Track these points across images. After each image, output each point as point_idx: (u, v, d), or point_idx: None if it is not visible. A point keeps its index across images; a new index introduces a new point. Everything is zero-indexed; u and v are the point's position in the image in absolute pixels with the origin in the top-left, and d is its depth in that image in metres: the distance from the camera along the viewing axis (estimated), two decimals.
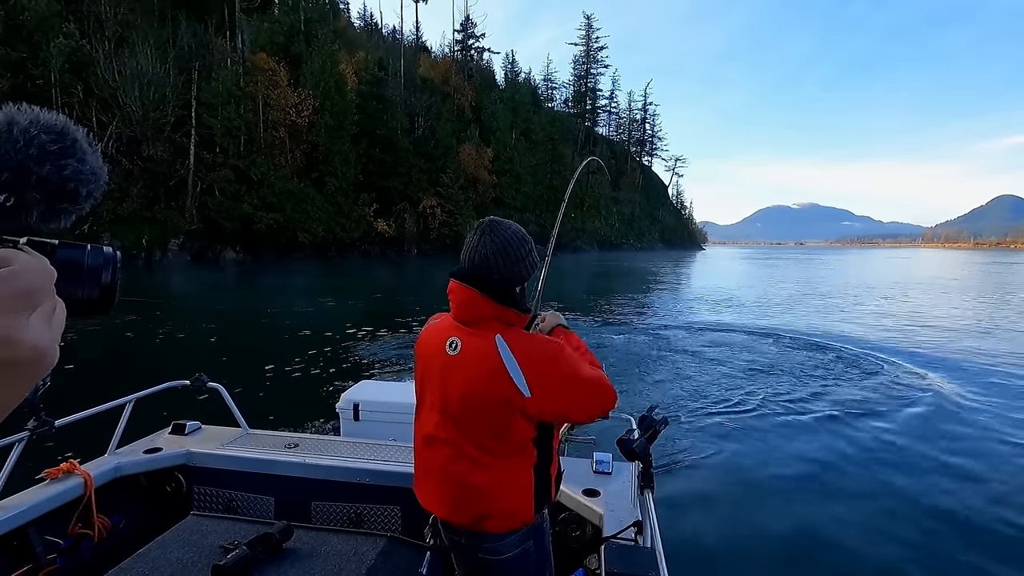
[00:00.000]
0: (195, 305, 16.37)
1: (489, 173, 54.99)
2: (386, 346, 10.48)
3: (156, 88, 30.47)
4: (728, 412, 6.94)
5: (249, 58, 37.43)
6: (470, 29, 72.59)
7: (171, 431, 2.89)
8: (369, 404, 3.23)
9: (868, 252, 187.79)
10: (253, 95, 35.74)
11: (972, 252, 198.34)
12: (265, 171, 34.35)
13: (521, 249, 1.51)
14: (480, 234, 1.51)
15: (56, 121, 0.50)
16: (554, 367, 1.47)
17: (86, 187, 0.52)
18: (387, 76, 48.86)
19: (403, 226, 45.89)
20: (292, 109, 37.15)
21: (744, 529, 4.16)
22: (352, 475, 2.54)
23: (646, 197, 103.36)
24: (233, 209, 32.51)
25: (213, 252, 32.34)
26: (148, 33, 32.24)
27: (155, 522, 2.42)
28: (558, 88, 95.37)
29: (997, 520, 4.37)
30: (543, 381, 1.46)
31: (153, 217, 29.50)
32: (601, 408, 1.54)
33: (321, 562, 1.80)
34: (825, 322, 14.70)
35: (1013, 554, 3.92)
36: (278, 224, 34.12)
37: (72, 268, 0.48)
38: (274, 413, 6.28)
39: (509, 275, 1.50)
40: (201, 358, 9.82)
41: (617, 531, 1.84)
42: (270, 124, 36.63)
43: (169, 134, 31.19)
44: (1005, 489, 4.94)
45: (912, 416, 6.89)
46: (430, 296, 18.27)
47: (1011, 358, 10.41)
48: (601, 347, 10.85)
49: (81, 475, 2.34)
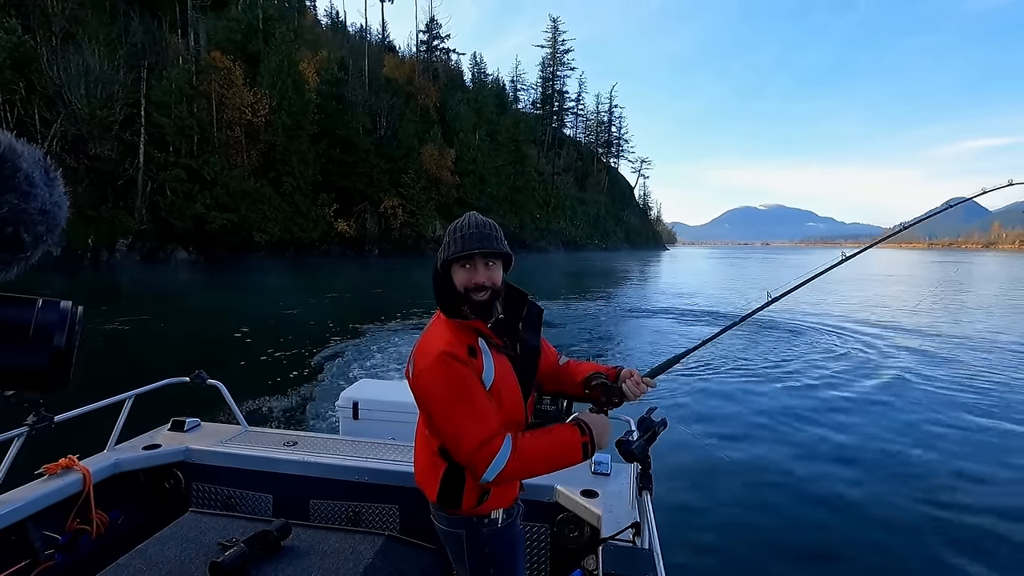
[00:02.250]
0: (182, 305, 16.43)
1: (452, 174, 55.24)
2: (386, 344, 10.57)
3: (104, 86, 29.94)
4: (727, 413, 6.96)
5: (204, 56, 36.99)
6: (435, 30, 72.78)
7: (170, 428, 2.89)
8: (368, 403, 3.20)
9: (829, 252, 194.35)
10: (207, 94, 35.35)
11: (925, 252, 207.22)
12: (219, 170, 34.05)
13: (445, 244, 1.58)
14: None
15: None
16: (418, 375, 1.52)
17: (31, 231, 0.40)
18: (347, 76, 48.71)
19: (364, 226, 45.88)
20: (248, 108, 36.85)
21: (742, 532, 4.16)
22: (351, 474, 2.54)
23: (612, 198, 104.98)
24: (185, 209, 32.16)
25: (164, 252, 31.94)
26: (98, 29, 31.66)
27: (153, 519, 2.40)
28: (526, 90, 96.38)
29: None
30: (412, 378, 1.55)
31: (100, 216, 29.01)
32: (448, 447, 1.53)
33: (319, 560, 1.81)
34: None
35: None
36: (232, 224, 33.86)
37: (10, 330, 0.39)
38: (273, 411, 6.34)
39: (435, 269, 1.61)
40: (197, 356, 9.88)
41: (615, 532, 1.83)
42: (225, 123, 36.28)
43: (117, 133, 30.68)
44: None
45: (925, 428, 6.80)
46: (415, 293, 18.63)
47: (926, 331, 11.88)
48: (601, 339, 11.59)
49: (80, 471, 2.34)
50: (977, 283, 32.97)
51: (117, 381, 2.85)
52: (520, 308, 1.67)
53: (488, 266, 1.54)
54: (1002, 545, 4.12)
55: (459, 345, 1.49)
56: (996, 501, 4.80)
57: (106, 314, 13.42)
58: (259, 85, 37.96)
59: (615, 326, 14.80)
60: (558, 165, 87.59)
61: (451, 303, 1.55)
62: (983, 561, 3.90)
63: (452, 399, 1.45)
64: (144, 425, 2.85)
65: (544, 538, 2.37)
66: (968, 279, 36.39)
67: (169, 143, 32.77)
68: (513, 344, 1.63)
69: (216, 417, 2.98)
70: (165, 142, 32.64)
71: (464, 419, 1.44)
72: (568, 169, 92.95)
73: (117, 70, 30.83)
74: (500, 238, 1.58)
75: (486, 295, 1.53)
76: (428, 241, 50.46)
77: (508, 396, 1.56)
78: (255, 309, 15.43)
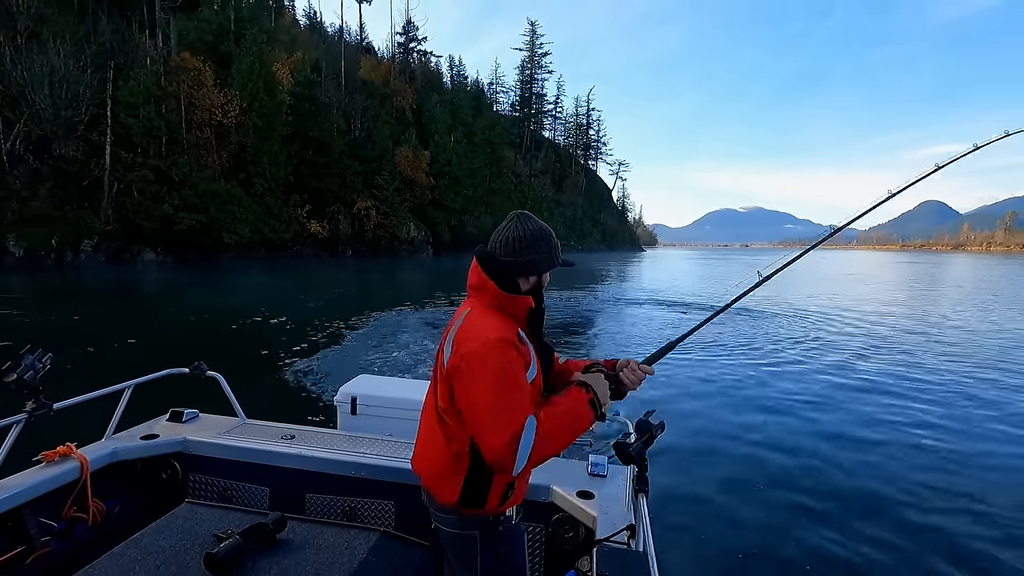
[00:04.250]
0: (155, 304, 16.69)
1: (427, 175, 55.59)
2: (385, 342, 10.73)
3: (69, 86, 29.83)
4: (726, 414, 7.00)
5: (172, 57, 36.95)
6: (411, 32, 73.08)
7: (168, 418, 2.91)
8: (367, 398, 3.17)
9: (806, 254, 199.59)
10: (176, 94, 35.33)
11: (897, 253, 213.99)
12: (187, 171, 34.05)
13: (533, 245, 1.61)
14: (508, 222, 1.66)
15: None
16: (468, 360, 1.46)
17: None
18: (320, 79, 48.82)
19: (337, 227, 46.05)
20: (218, 109, 36.88)
21: (737, 537, 4.18)
22: (347, 469, 2.55)
23: (589, 200, 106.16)
24: (153, 210, 32.14)
25: (131, 253, 31.88)
26: (64, 28, 31.50)
27: (149, 508, 2.39)
28: (505, 92, 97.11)
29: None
30: (455, 364, 1.50)
31: (64, 217, 28.89)
32: (481, 440, 1.44)
33: (314, 554, 1.81)
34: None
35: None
36: (201, 225, 33.88)
37: None
38: (271, 404, 6.33)
39: (512, 263, 1.60)
40: (196, 348, 9.98)
41: (610, 534, 1.82)
42: (195, 124, 36.26)
43: (83, 133, 30.58)
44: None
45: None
46: (400, 291, 19.11)
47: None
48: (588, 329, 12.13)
49: (77, 459, 2.35)
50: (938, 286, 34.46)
51: (115, 370, 3.12)
52: (541, 305, 1.71)
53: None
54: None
55: (512, 332, 1.50)
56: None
57: (73, 311, 13.71)
58: (230, 86, 38.02)
59: (598, 316, 16.24)
60: (535, 167, 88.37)
61: (514, 287, 1.60)
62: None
63: (502, 385, 1.41)
64: (143, 415, 2.86)
65: (539, 538, 2.37)
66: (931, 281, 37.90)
67: (136, 144, 32.70)
68: (540, 339, 1.67)
69: (214, 409, 3.05)
70: (132, 143, 32.57)
71: (509, 406, 1.40)
72: (546, 171, 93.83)
73: (83, 70, 30.71)
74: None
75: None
76: (402, 242, 50.78)
77: (539, 389, 1.57)
78: (239, 306, 15.64)
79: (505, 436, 1.37)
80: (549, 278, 1.70)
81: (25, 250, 27.17)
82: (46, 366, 2.15)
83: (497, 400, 1.40)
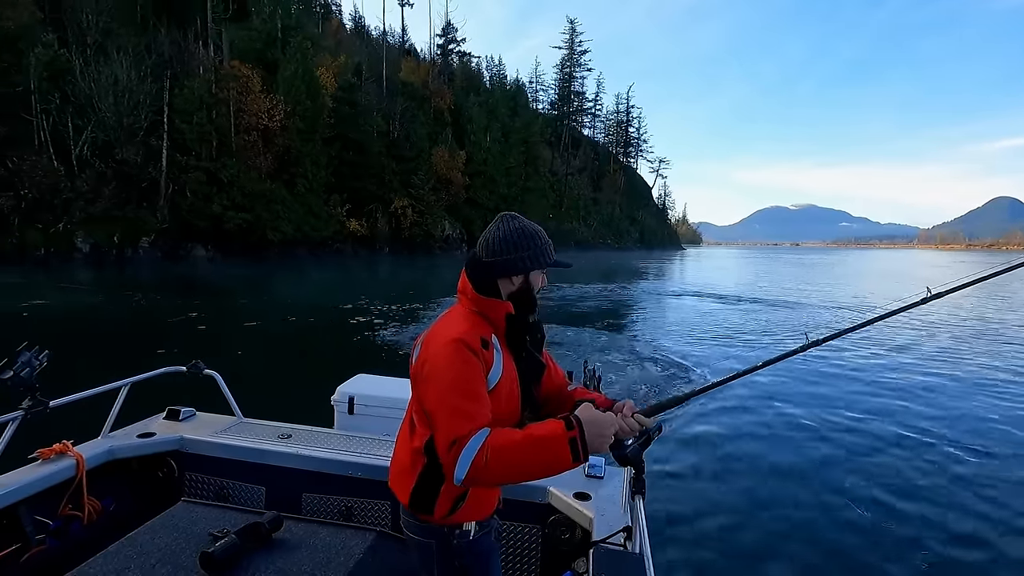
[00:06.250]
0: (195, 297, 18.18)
1: (462, 175, 56.81)
2: (384, 340, 10.77)
3: (131, 95, 32.36)
4: (725, 416, 6.97)
5: (223, 66, 39.33)
6: (451, 34, 74.58)
7: (165, 416, 2.91)
8: (364, 398, 3.14)
9: (861, 252, 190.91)
10: (226, 101, 37.65)
11: (962, 253, 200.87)
12: (235, 173, 36.28)
13: (514, 244, 1.54)
14: (492, 222, 1.63)
15: None
16: (427, 361, 1.45)
17: None
18: (359, 83, 50.64)
19: (375, 226, 47.81)
20: (264, 114, 39.03)
21: (734, 540, 4.18)
22: (344, 468, 2.55)
23: (627, 198, 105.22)
24: (204, 209, 34.46)
25: (184, 250, 34.30)
26: (127, 41, 34.14)
27: (145, 507, 2.39)
28: (545, 90, 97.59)
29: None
30: (418, 366, 1.50)
31: (124, 216, 31.42)
32: (435, 441, 1.38)
33: (310, 554, 1.81)
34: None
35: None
36: (247, 223, 36.06)
37: None
38: (269, 403, 6.24)
39: (493, 263, 1.55)
40: (195, 345, 10.10)
41: (606, 535, 1.84)
42: (242, 128, 38.52)
43: (143, 138, 33.12)
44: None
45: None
46: (423, 289, 19.73)
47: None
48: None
49: (74, 456, 2.34)
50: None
51: (112, 368, 3.18)
52: (530, 313, 1.59)
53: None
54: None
55: (474, 335, 1.46)
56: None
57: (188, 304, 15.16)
58: (275, 91, 40.15)
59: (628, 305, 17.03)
60: (573, 165, 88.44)
61: (491, 290, 1.54)
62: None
63: (453, 385, 1.38)
64: (140, 413, 2.85)
65: (535, 539, 2.37)
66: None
67: (190, 148, 35.11)
68: (522, 349, 1.61)
69: (211, 407, 3.04)
70: (186, 147, 34.98)
71: (456, 409, 1.35)
72: (583, 169, 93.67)
73: (143, 80, 33.20)
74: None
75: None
76: (437, 240, 52.20)
77: (508, 400, 1.54)
78: (266, 301, 16.58)
79: (447, 439, 1.32)
80: (545, 281, 1.63)
81: (91, 246, 29.76)
82: (43, 363, 2.19)
83: (444, 402, 1.37)
